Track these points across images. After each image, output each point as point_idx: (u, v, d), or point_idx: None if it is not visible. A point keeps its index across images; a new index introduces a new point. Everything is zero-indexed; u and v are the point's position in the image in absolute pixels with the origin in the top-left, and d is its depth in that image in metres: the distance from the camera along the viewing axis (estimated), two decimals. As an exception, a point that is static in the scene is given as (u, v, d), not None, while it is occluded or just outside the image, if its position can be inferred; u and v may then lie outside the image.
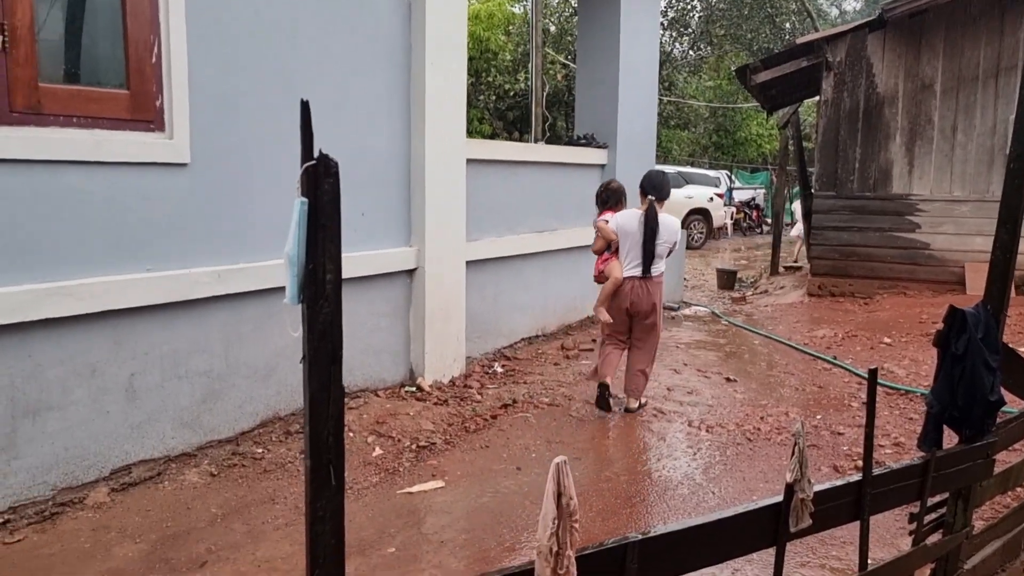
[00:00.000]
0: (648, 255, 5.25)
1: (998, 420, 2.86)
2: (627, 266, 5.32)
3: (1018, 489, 3.63)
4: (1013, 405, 3.74)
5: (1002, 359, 2.77)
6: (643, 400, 5.49)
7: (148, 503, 3.81)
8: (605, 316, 5.38)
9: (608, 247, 5.43)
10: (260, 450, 4.42)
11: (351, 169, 5.13)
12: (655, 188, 5.32)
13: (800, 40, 10.83)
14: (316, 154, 1.47)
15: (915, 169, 10.06)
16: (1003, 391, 2.83)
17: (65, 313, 3.65)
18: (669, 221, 5.33)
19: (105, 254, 3.85)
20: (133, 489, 3.94)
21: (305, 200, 1.41)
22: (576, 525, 1.78)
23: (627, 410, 5.40)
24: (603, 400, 5.40)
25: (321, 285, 1.44)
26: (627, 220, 5.35)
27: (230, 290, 4.36)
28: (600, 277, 5.50)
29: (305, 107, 1.40)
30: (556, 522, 1.71)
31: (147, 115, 4.04)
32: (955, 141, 9.84)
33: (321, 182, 1.43)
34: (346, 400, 5.12)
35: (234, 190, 4.43)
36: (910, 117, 10.03)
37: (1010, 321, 7.64)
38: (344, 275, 4.83)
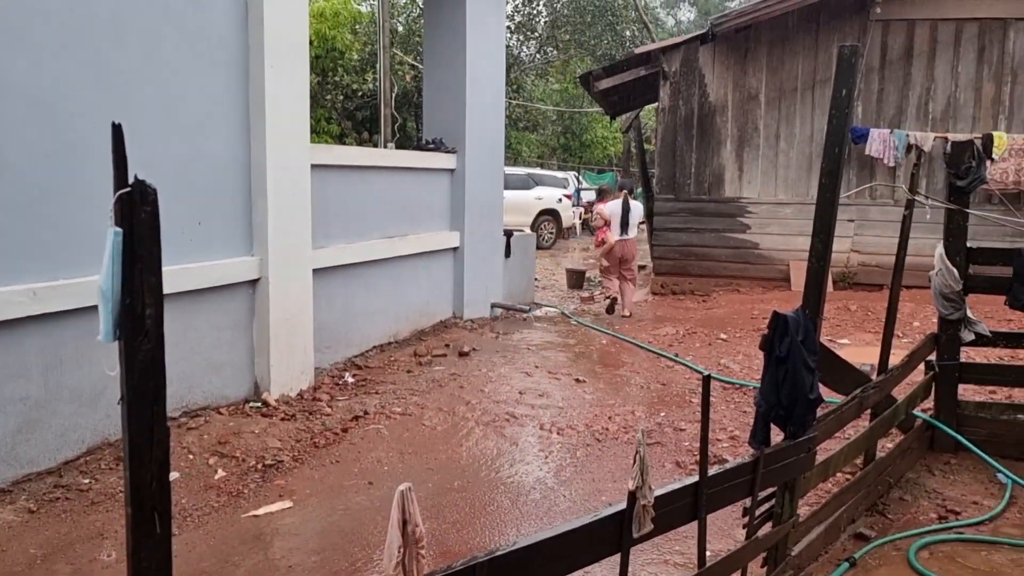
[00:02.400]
0: (624, 225, 9.29)
1: (819, 413, 3.09)
2: (616, 234, 9.33)
3: (838, 475, 3.93)
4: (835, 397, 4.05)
5: (820, 359, 2.99)
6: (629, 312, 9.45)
7: (-44, 547, 3.46)
8: (606, 263, 9.55)
9: (606, 224, 9.42)
10: (87, 480, 4.11)
11: (186, 176, 4.90)
12: (626, 187, 9.75)
13: (638, 50, 11.29)
14: (132, 179, 1.37)
15: (744, 174, 10.73)
16: (822, 388, 3.06)
17: None
18: (636, 205, 9.47)
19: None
20: (-62, 532, 3.56)
21: (119, 230, 1.31)
22: (422, 551, 1.76)
23: (623, 316, 9.37)
24: (612, 308, 9.56)
25: (140, 320, 1.35)
26: (613, 206, 9.41)
27: (48, 309, 4.02)
28: (600, 243, 9.59)
29: (117, 130, 1.30)
30: (401, 551, 1.69)
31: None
32: (778, 148, 10.57)
33: (137, 210, 1.33)
34: (186, 420, 4.88)
35: (50, 198, 4.09)
36: (739, 125, 10.68)
37: (828, 314, 8.29)
38: (180, 288, 4.59)
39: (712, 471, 2.53)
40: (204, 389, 5.15)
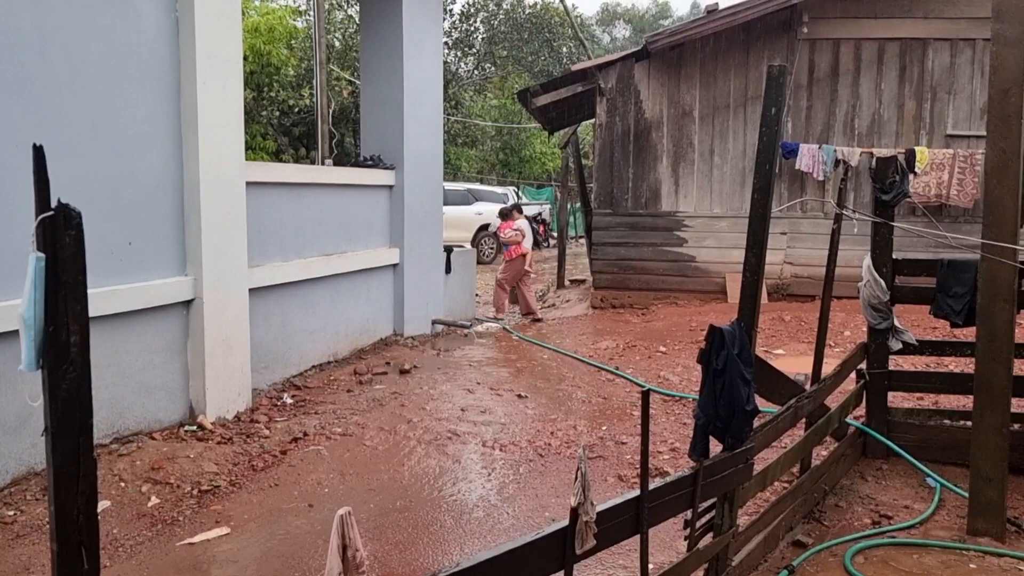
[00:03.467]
0: (535, 240, 11.38)
1: (756, 424, 3.15)
2: (529, 247, 11.00)
3: (775, 484, 4.01)
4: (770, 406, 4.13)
5: (755, 370, 3.05)
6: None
7: None
8: (506, 275, 10.92)
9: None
10: (11, 512, 3.94)
11: (115, 194, 4.77)
12: (520, 208, 11.77)
13: (575, 67, 11.43)
14: (55, 202, 1.32)
15: (680, 188, 10.93)
16: (758, 398, 3.12)
17: None
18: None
19: None
20: None
21: (42, 256, 1.27)
22: (364, 577, 1.73)
23: (536, 321, 10.47)
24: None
25: (64, 349, 1.30)
26: (525, 224, 11.11)
27: (-33, 334, 3.86)
28: (519, 256, 10.88)
29: (39, 152, 1.25)
30: (342, 577, 1.66)
31: None
32: (713, 163, 10.81)
33: (61, 234, 1.29)
34: (117, 446, 4.72)
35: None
36: (674, 140, 10.89)
37: (763, 325, 8.48)
38: (110, 311, 4.46)
39: (653, 485, 2.56)
40: (136, 414, 5.00)
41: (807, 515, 4.07)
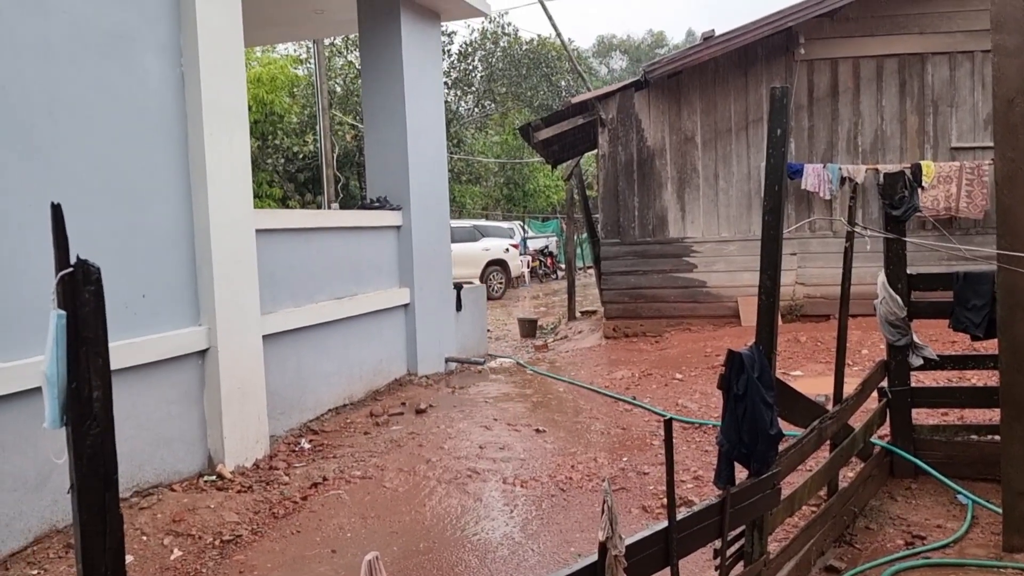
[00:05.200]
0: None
1: (781, 447, 3.11)
2: None
3: (803, 508, 3.95)
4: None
5: (776, 393, 3.02)
6: None
7: None
8: None
9: None
10: (35, 572, 3.90)
11: (127, 248, 4.80)
12: None
13: (574, 100, 11.51)
14: (74, 259, 1.33)
15: (687, 214, 10.93)
16: (781, 421, 3.08)
17: None
18: None
19: None
20: None
21: (63, 312, 1.27)
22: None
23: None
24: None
25: (87, 404, 1.29)
26: None
27: (-13, 394, 3.86)
28: None
29: (57, 210, 1.26)
30: (373, 625, 1.63)
31: None
32: (718, 187, 10.82)
33: (81, 291, 1.29)
34: (137, 499, 4.70)
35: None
36: (678, 167, 10.92)
37: (780, 347, 8.42)
38: (126, 364, 4.46)
39: (680, 515, 2.52)
40: (155, 466, 4.98)
41: (838, 539, 3.99)
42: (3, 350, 4.01)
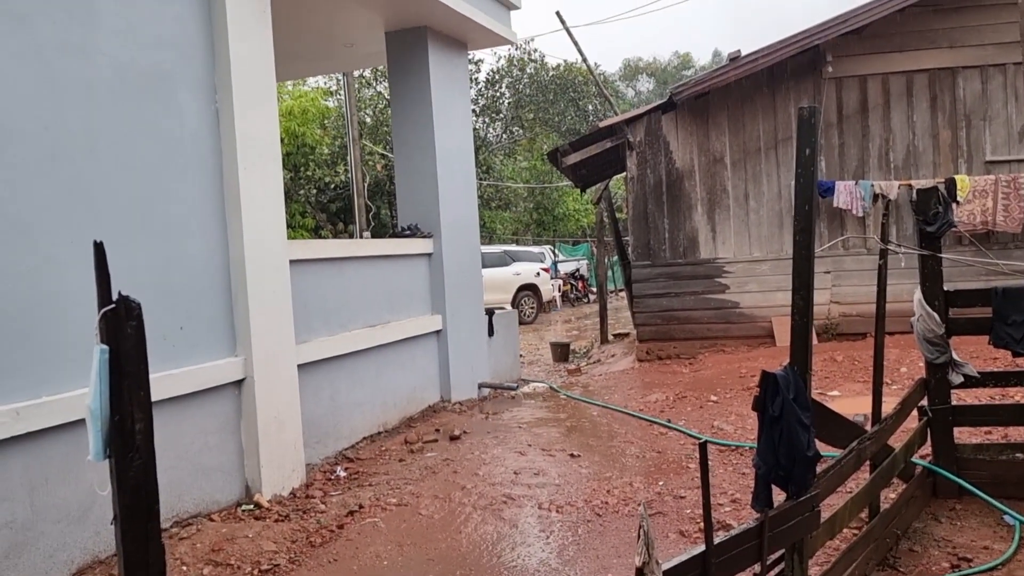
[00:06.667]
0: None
1: (819, 469, 3.07)
2: None
3: (844, 531, 3.88)
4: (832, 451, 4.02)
5: (813, 414, 2.98)
6: None
7: None
8: None
9: None
10: (78, 602, 3.97)
11: (165, 281, 4.90)
12: None
13: (602, 124, 11.55)
14: (116, 295, 1.37)
15: (718, 235, 10.88)
16: (818, 443, 3.04)
17: None
18: None
19: None
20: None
21: (105, 348, 1.31)
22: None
23: None
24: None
25: (130, 437, 1.33)
26: None
27: (31, 428, 3.94)
28: None
29: (99, 248, 1.30)
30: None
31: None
32: (748, 207, 10.77)
33: (123, 326, 1.33)
34: (177, 530, 4.75)
35: (30, 314, 4.06)
36: (707, 188, 10.89)
37: (815, 367, 8.31)
38: (165, 395, 4.53)
39: (718, 539, 2.49)
40: (194, 496, 5.03)
41: (881, 562, 3.91)
42: (48, 384, 4.10)
